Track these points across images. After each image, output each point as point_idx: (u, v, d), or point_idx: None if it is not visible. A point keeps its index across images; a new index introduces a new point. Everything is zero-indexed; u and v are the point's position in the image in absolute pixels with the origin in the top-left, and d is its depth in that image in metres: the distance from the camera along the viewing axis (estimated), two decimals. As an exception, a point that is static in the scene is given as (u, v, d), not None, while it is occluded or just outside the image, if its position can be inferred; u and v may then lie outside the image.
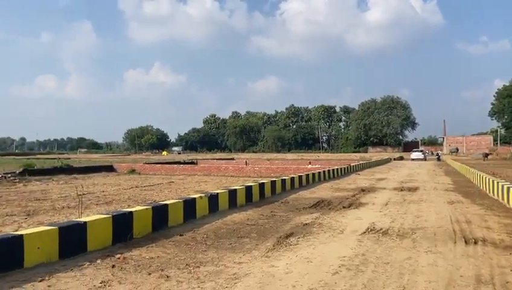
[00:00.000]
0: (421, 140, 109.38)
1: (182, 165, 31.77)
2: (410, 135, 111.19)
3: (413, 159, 51.66)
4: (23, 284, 4.85)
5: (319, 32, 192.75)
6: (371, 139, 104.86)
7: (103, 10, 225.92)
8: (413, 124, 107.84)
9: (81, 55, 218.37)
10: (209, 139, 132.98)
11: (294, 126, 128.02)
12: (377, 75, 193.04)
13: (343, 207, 11.15)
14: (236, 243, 7.07)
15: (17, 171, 22.89)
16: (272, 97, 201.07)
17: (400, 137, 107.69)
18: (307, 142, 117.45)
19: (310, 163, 35.76)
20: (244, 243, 7.03)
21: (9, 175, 21.61)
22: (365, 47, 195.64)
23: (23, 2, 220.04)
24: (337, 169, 23.79)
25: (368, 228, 8.23)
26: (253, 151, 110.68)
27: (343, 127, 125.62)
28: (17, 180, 20.21)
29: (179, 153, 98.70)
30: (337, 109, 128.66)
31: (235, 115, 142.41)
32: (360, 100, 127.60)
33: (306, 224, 8.73)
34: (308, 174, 18.59)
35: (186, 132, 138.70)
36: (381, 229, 8.16)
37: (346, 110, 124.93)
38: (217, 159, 51.41)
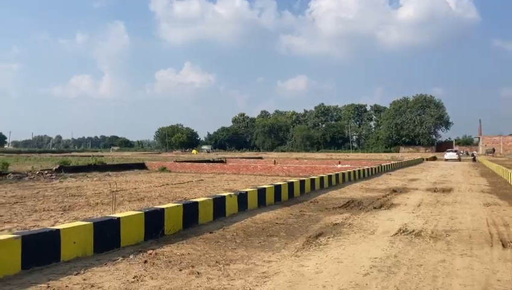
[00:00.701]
0: (455, 140, 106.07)
1: (211, 164, 32.10)
2: (443, 135, 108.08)
3: (446, 160, 50.18)
4: (60, 277, 5.02)
5: (349, 30, 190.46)
6: (403, 138, 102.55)
7: (135, 11, 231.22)
8: (447, 124, 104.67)
9: (114, 55, 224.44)
10: (238, 138, 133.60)
11: (323, 125, 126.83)
12: (409, 73, 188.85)
13: (374, 208, 10.96)
14: (265, 241, 7.08)
15: (54, 168, 23.73)
16: (301, 96, 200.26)
17: (433, 137, 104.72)
18: (336, 142, 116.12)
19: (339, 163, 35.37)
20: (273, 242, 7.03)
21: (46, 172, 22.46)
22: (397, 45, 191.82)
23: (60, 4, 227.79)
24: (368, 169, 23.41)
25: (400, 229, 8.06)
26: (282, 151, 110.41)
27: (373, 126, 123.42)
28: (54, 177, 20.97)
29: (208, 152, 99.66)
30: (368, 108, 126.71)
31: (264, 114, 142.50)
32: (392, 99, 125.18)
33: (336, 224, 8.64)
34: (338, 173, 18.38)
35: (216, 130, 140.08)
36: (413, 230, 7.98)
37: (377, 109, 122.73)
38: (245, 157, 51.64)
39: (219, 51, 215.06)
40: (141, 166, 30.13)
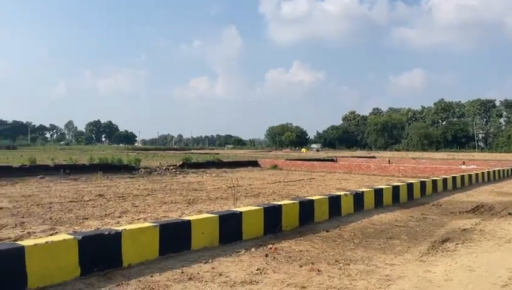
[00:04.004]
0: None
1: (321, 162, 31.88)
2: None
3: None
4: (191, 265, 5.47)
5: (472, 18, 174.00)
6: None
7: (245, 14, 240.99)
8: None
9: (228, 57, 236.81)
10: (348, 136, 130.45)
11: (443, 123, 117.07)
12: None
13: (509, 214, 9.82)
14: (385, 243, 6.83)
15: (178, 164, 25.87)
16: (417, 91, 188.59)
17: None
18: (459, 141, 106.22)
19: (463, 163, 32.37)
20: (394, 245, 6.74)
21: (172, 167, 24.61)
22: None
23: (180, 13, 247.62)
24: (499, 170, 21.04)
25: (544, 240, 7.11)
26: (396, 150, 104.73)
27: (504, 123, 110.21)
28: (178, 172, 22.88)
29: (318, 150, 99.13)
30: (497, 103, 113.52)
31: (376, 112, 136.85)
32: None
33: (464, 230, 7.94)
34: (463, 175, 16.86)
35: (325, 129, 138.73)
36: (561, 242, 6.97)
37: (508, 104, 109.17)
38: (356, 157, 50.21)
39: (328, 47, 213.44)
40: (254, 163, 31.23)
